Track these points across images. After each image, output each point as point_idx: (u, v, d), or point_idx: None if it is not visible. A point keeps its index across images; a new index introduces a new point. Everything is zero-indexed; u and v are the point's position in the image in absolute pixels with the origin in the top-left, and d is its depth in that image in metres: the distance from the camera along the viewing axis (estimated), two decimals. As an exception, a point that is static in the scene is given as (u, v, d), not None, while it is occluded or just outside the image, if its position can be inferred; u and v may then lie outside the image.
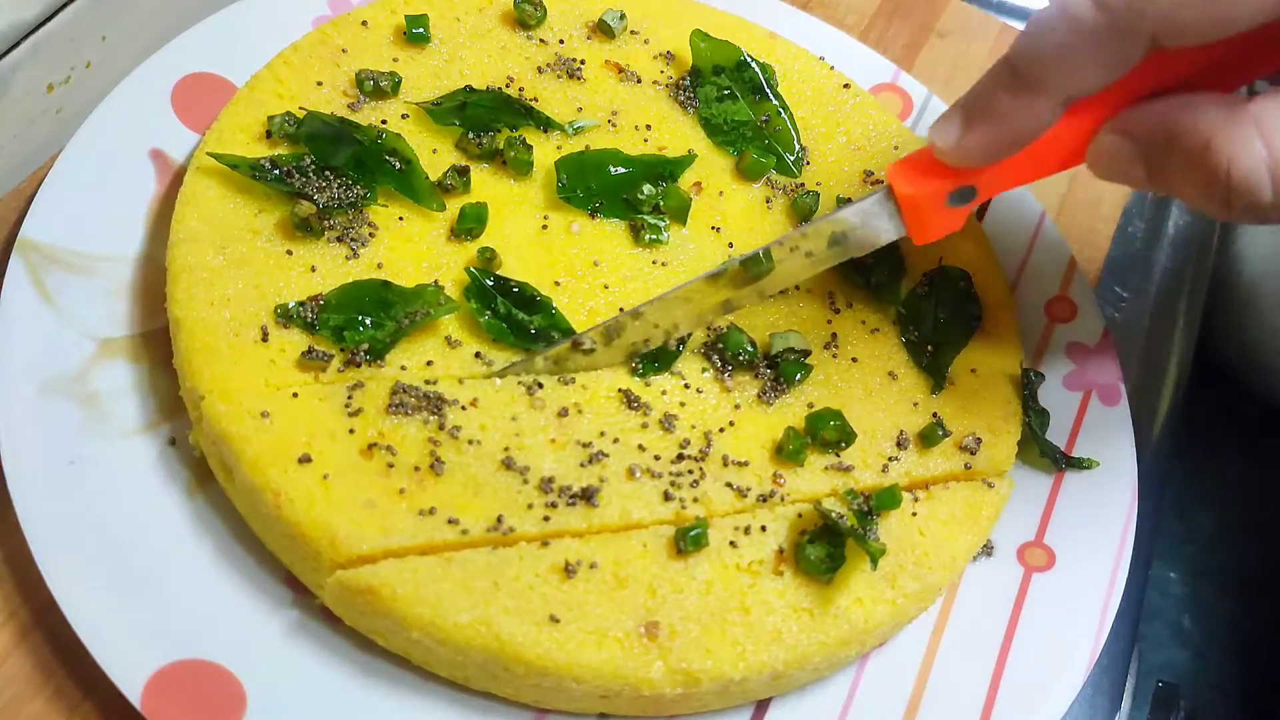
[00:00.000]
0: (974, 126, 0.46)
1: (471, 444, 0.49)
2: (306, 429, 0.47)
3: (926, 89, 0.72)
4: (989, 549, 0.55)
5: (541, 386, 0.51)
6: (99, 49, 0.61)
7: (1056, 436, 0.59)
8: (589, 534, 0.48)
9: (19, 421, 0.48)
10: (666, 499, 0.49)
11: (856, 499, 0.51)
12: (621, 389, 0.52)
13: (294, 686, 0.46)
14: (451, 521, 0.46)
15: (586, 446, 0.50)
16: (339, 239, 0.53)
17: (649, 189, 0.58)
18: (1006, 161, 0.47)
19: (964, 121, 0.46)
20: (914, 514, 0.52)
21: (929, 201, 0.49)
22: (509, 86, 0.61)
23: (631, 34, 0.65)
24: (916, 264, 0.60)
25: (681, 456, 0.51)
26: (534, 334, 0.52)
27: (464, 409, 0.50)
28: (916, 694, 0.51)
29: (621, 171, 0.58)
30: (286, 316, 0.50)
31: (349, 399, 0.49)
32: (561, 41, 0.64)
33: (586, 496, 0.48)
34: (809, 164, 0.63)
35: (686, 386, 0.53)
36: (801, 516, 0.50)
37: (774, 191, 0.61)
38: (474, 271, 0.53)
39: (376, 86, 0.58)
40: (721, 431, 0.52)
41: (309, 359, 0.49)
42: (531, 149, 0.58)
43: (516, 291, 0.53)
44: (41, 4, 0.56)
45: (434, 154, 0.57)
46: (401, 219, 0.55)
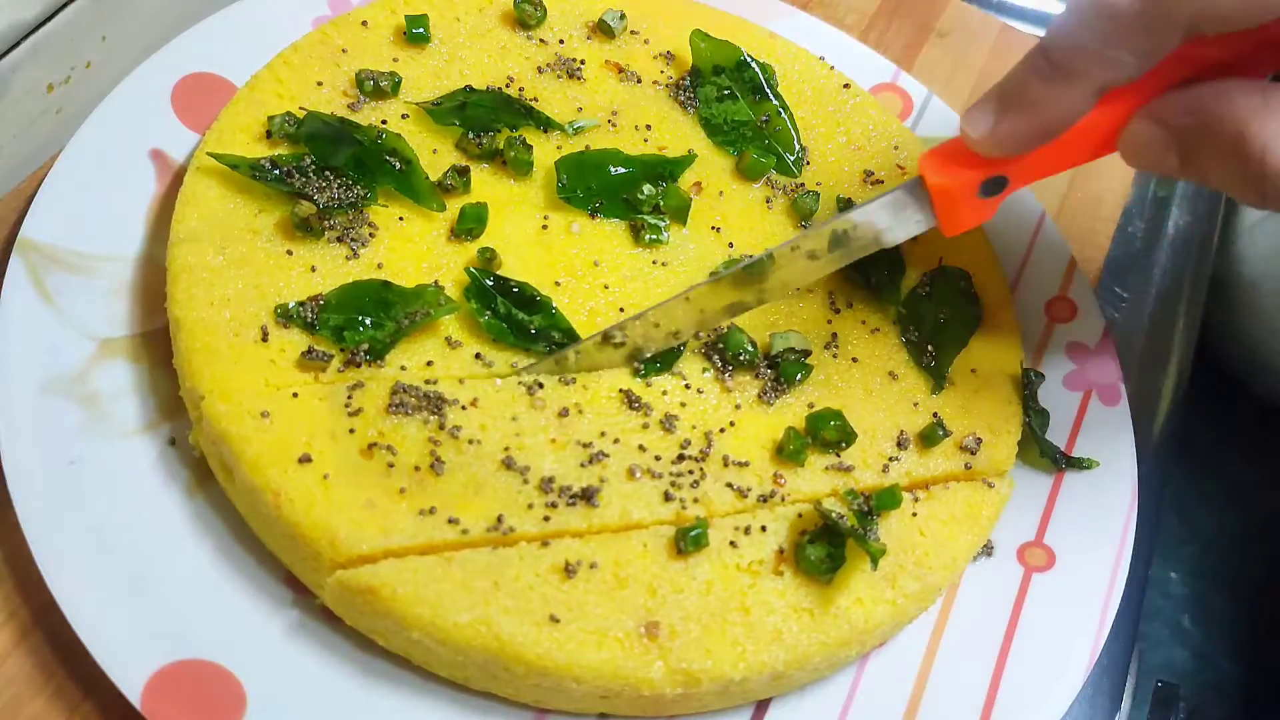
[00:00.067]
0: (1007, 116, 0.45)
1: (472, 444, 0.49)
2: (306, 429, 0.47)
3: (926, 89, 0.72)
4: (989, 549, 0.55)
5: (542, 386, 0.51)
6: (99, 49, 0.61)
7: (1056, 436, 0.59)
8: (589, 534, 0.48)
9: (19, 421, 0.48)
10: (667, 499, 0.49)
11: (857, 499, 0.51)
12: (622, 389, 0.52)
13: (294, 686, 0.46)
14: (452, 521, 0.46)
15: (587, 446, 0.50)
16: (339, 239, 0.53)
17: (649, 189, 0.58)
18: (1038, 150, 0.46)
19: (997, 111, 0.45)
20: (914, 514, 0.52)
21: (961, 192, 0.49)
22: (509, 86, 0.61)
23: (631, 34, 0.65)
24: (916, 264, 0.60)
25: (682, 457, 0.51)
26: (534, 334, 0.52)
27: (464, 409, 0.50)
28: (916, 694, 0.51)
29: (621, 171, 0.58)
30: (286, 316, 0.50)
31: (349, 399, 0.49)
32: (561, 41, 0.64)
33: (587, 496, 0.48)
34: (809, 164, 0.63)
35: (687, 387, 0.53)
36: (802, 516, 0.50)
37: (774, 191, 0.61)
38: (474, 271, 0.53)
39: (376, 86, 0.58)
40: (722, 432, 0.52)
41: (309, 359, 0.49)
42: (531, 149, 0.58)
43: (516, 292, 0.53)
44: (41, 4, 0.56)
45: (434, 154, 0.57)
46: (401, 219, 0.55)
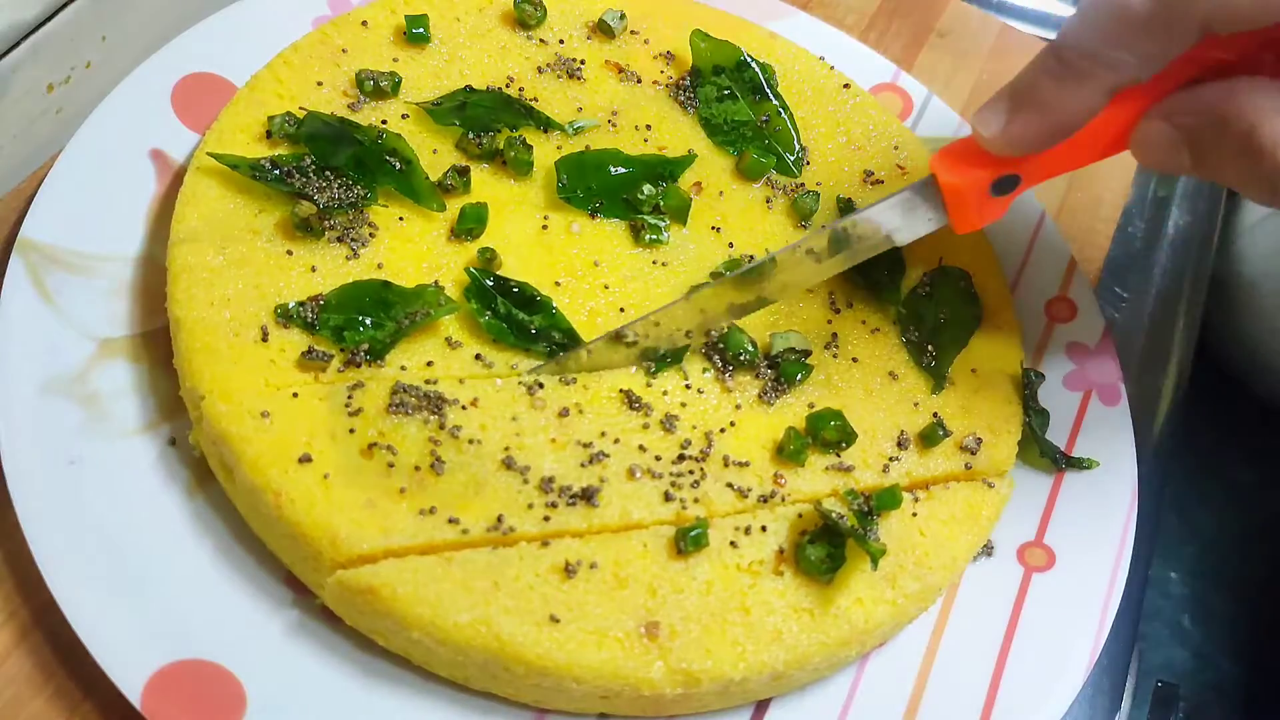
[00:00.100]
0: (1019, 115, 0.45)
1: (472, 444, 0.49)
2: (306, 429, 0.47)
3: (926, 89, 0.72)
4: (989, 549, 0.55)
5: (542, 386, 0.51)
6: (99, 49, 0.61)
7: (1056, 436, 0.59)
8: (589, 534, 0.48)
9: (19, 421, 0.48)
10: (667, 499, 0.49)
11: (857, 499, 0.51)
12: (622, 389, 0.52)
13: (294, 686, 0.46)
14: (452, 521, 0.46)
15: (587, 446, 0.50)
16: (339, 239, 0.53)
17: (649, 189, 0.58)
18: (1050, 149, 0.46)
19: (1009, 110, 0.45)
20: (914, 514, 0.52)
21: (973, 190, 0.49)
22: (509, 86, 0.61)
23: (631, 34, 0.65)
24: (916, 264, 0.60)
25: (682, 457, 0.51)
26: (534, 334, 0.52)
27: (464, 409, 0.50)
28: (916, 694, 0.51)
29: (621, 171, 0.58)
30: (286, 316, 0.50)
31: (349, 399, 0.49)
32: (561, 41, 0.64)
33: (587, 496, 0.48)
34: (809, 164, 0.63)
35: (687, 387, 0.53)
36: (802, 517, 0.50)
37: (774, 191, 0.61)
38: (474, 272, 0.53)
39: (376, 86, 0.58)
40: (722, 432, 0.52)
41: (309, 359, 0.49)
42: (531, 149, 0.58)
43: (516, 292, 0.53)
44: (41, 4, 0.56)
45: (434, 154, 0.57)
46: (402, 219, 0.55)
